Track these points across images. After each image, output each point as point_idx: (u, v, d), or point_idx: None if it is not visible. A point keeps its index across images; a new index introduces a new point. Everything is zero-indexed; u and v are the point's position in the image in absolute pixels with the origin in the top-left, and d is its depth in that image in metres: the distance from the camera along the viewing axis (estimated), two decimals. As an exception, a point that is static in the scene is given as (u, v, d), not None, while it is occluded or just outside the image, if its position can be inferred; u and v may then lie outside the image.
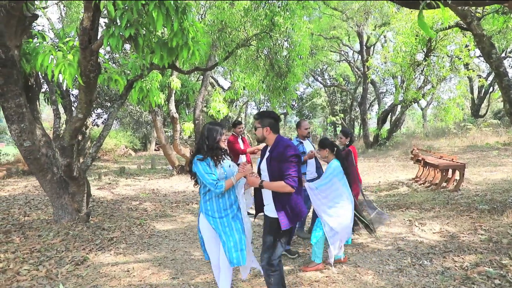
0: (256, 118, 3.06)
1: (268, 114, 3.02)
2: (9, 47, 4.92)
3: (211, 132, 2.98)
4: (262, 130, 2.97)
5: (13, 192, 10.37)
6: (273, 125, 2.97)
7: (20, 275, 4.14)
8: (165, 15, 3.80)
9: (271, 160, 2.87)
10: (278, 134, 3.01)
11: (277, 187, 2.81)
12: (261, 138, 3.01)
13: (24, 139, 5.42)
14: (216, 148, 2.98)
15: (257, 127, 3.00)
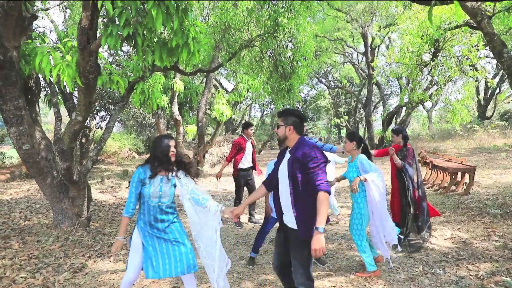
0: (280, 115, 2.82)
1: (293, 112, 2.79)
2: (7, 48, 4.79)
3: (158, 145, 2.93)
4: (284, 129, 2.72)
5: (15, 195, 10.27)
6: (297, 125, 2.73)
7: (16, 283, 4.00)
8: (165, 14, 3.66)
9: (294, 162, 2.62)
10: (301, 135, 2.78)
11: (324, 207, 2.48)
12: (283, 138, 2.76)
13: (23, 142, 5.29)
14: (165, 161, 2.92)
15: (280, 125, 2.77)
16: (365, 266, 3.93)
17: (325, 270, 4.12)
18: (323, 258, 4.40)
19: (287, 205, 2.69)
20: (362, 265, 4.20)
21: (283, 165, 2.75)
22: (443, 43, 9.92)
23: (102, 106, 19.52)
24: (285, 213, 2.74)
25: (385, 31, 17.94)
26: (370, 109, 21.01)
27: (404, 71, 10.69)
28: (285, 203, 2.72)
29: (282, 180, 2.73)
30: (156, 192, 2.90)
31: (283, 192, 2.73)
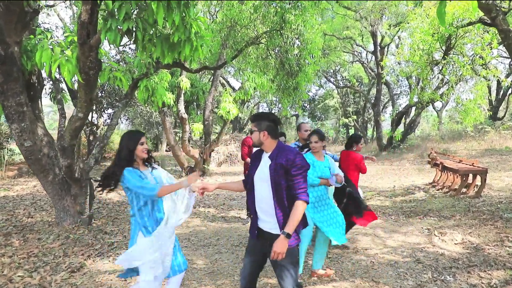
0: (252, 120, 2.67)
1: (266, 116, 2.65)
2: (8, 43, 4.72)
3: (126, 141, 2.78)
4: (259, 134, 2.59)
5: (21, 192, 10.29)
6: (271, 129, 2.59)
7: (13, 282, 3.92)
8: (166, 8, 3.53)
9: (277, 168, 2.49)
10: (277, 139, 2.64)
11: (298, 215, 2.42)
12: (258, 144, 2.62)
13: (24, 138, 5.23)
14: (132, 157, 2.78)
15: (253, 130, 2.63)
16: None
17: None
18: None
19: (267, 211, 2.55)
20: (368, 270, 4.05)
21: (260, 171, 2.60)
22: (455, 41, 9.65)
23: (109, 103, 19.56)
24: (264, 219, 2.59)
25: (395, 29, 17.64)
26: (379, 109, 20.69)
27: (414, 70, 10.44)
28: (265, 209, 2.57)
29: (260, 186, 2.57)
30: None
31: (262, 198, 2.57)
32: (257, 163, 2.64)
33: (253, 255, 2.66)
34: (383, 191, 9.08)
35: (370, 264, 4.24)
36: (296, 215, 2.40)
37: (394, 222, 6.15)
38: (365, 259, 4.41)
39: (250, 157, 2.82)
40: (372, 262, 4.31)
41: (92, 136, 19.97)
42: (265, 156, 2.62)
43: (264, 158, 2.62)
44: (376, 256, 4.50)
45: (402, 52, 10.66)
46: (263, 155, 2.65)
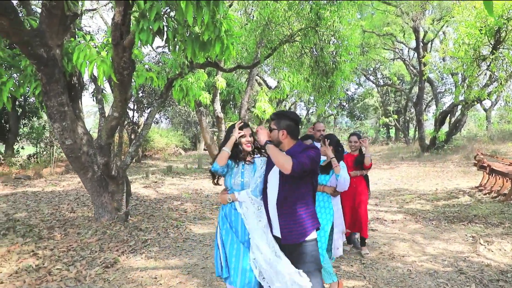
0: (272, 118, 2.60)
1: (286, 115, 2.56)
2: (51, 46, 4.94)
3: (230, 132, 2.72)
4: (277, 133, 2.51)
5: (67, 187, 10.83)
6: (291, 129, 2.51)
7: (51, 274, 4.09)
8: (196, 6, 3.52)
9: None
10: (297, 139, 2.55)
11: (280, 155, 2.34)
12: (276, 142, 2.54)
13: (65, 137, 5.45)
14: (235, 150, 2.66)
15: (272, 128, 2.55)
16: None
17: (362, 280, 3.79)
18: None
19: (273, 213, 2.47)
20: (404, 278, 3.83)
21: (274, 172, 2.51)
22: (505, 34, 8.95)
23: (149, 103, 20.20)
24: (273, 223, 2.51)
25: (439, 24, 16.76)
26: (422, 108, 19.78)
27: (459, 66, 9.82)
28: (272, 210, 2.49)
29: (272, 187, 2.49)
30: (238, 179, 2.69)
31: (271, 199, 2.49)
32: (272, 163, 2.54)
33: None
34: (424, 194, 8.65)
35: (407, 272, 4.00)
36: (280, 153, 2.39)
37: (435, 227, 5.81)
38: (401, 266, 4.18)
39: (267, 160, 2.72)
40: (410, 270, 4.07)
41: (133, 134, 20.72)
42: None
43: None
44: (414, 264, 4.25)
45: (446, 48, 10.07)
46: None
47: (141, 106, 20.88)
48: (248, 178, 2.63)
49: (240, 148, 2.65)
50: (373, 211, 7.01)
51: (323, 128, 4.80)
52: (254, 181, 2.63)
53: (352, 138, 4.72)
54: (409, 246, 4.92)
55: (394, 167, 14.41)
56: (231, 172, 2.68)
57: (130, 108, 20.70)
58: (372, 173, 13.07)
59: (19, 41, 4.47)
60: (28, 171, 14.73)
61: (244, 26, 7.84)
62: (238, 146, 2.64)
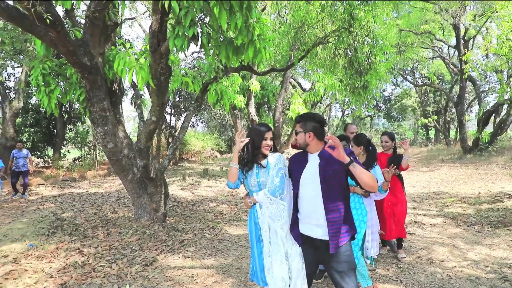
0: (298, 121, 2.59)
1: (312, 117, 2.56)
2: (93, 55, 5.23)
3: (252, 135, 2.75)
4: (304, 136, 2.51)
5: (109, 189, 11.33)
6: (318, 130, 2.51)
7: (95, 271, 4.32)
8: (229, 11, 3.61)
9: (327, 166, 2.42)
10: (323, 141, 2.54)
11: (369, 175, 2.32)
12: (303, 145, 2.55)
13: (107, 141, 5.72)
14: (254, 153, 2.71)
15: (298, 131, 2.55)
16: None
17: (399, 285, 3.71)
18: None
19: (315, 211, 2.45)
20: (443, 284, 3.70)
21: (308, 172, 2.50)
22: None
23: (186, 107, 20.73)
24: (313, 224, 2.48)
25: (481, 20, 15.97)
26: (463, 108, 18.89)
27: (503, 64, 9.31)
28: (312, 210, 2.46)
29: (308, 188, 2.48)
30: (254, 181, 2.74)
31: (310, 198, 2.47)
32: (302, 165, 2.55)
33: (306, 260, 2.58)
34: (465, 197, 8.27)
35: (446, 278, 3.86)
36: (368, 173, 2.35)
37: (477, 232, 5.55)
38: (440, 271, 4.04)
39: (289, 162, 2.73)
40: (449, 275, 3.92)
41: (171, 138, 21.33)
42: (311, 156, 2.54)
43: (311, 158, 2.54)
44: (453, 269, 4.09)
45: (488, 45, 9.57)
46: (308, 156, 2.57)
47: (178, 110, 21.48)
48: (264, 177, 2.66)
49: (259, 151, 2.69)
50: (411, 215, 6.80)
51: (356, 130, 4.76)
52: (270, 180, 2.63)
53: (383, 137, 4.70)
54: (448, 251, 4.73)
55: (434, 170, 13.87)
56: (247, 174, 2.74)
57: (168, 112, 21.34)
58: (411, 175, 12.67)
59: (65, 51, 4.76)
60: (74, 174, 15.55)
61: (277, 29, 7.88)
62: (258, 149, 2.68)
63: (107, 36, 5.49)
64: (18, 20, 4.31)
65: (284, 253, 2.52)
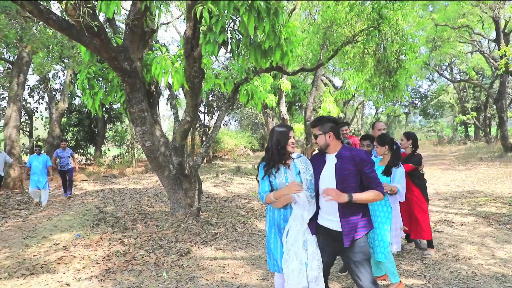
0: (315, 125, 2.72)
1: (327, 119, 2.71)
2: (133, 59, 5.63)
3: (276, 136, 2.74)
4: (324, 137, 2.65)
5: (146, 185, 11.91)
6: (335, 130, 2.66)
7: (135, 259, 4.70)
8: (257, 18, 3.84)
9: (343, 167, 2.58)
10: (340, 140, 2.71)
11: (371, 197, 2.53)
12: (324, 147, 2.69)
13: (146, 139, 6.13)
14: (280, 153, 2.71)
15: (317, 134, 2.68)
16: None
17: (422, 280, 3.80)
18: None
19: (332, 208, 2.62)
20: (467, 280, 3.75)
21: (326, 172, 2.66)
22: None
23: (219, 106, 21.22)
24: (327, 217, 2.66)
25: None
26: (504, 104, 18.06)
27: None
28: (329, 207, 2.63)
29: (326, 186, 2.63)
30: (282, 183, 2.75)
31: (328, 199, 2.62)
32: (321, 166, 2.70)
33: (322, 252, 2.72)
34: (501, 197, 8.04)
35: (471, 275, 3.90)
36: (368, 194, 2.54)
37: (509, 231, 5.47)
38: (466, 268, 4.08)
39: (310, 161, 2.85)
40: (474, 272, 3.95)
41: (204, 136, 21.91)
42: (329, 157, 2.70)
43: (329, 159, 2.69)
44: (480, 267, 4.11)
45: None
46: (326, 157, 2.72)
47: (212, 109, 22.00)
48: (292, 177, 2.74)
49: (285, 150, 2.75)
50: (441, 213, 6.75)
51: (383, 127, 4.84)
52: (308, 183, 2.71)
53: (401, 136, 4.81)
54: (477, 249, 4.73)
55: (471, 168, 13.45)
56: (276, 175, 2.76)
57: (201, 112, 21.92)
58: (446, 174, 12.39)
59: (108, 57, 5.18)
60: (114, 171, 16.39)
61: (308, 28, 8.02)
62: (284, 148, 2.73)
63: (145, 42, 5.88)
64: (67, 30, 4.75)
65: (303, 241, 2.68)
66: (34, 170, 8.70)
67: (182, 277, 4.11)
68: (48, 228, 6.27)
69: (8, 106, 12.01)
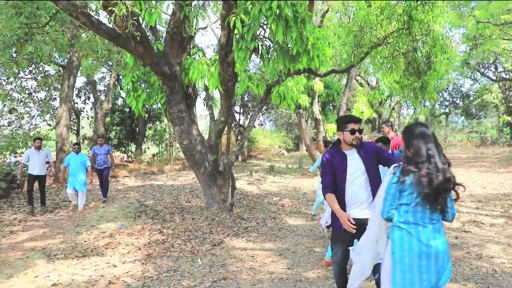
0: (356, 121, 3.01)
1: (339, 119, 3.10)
2: (172, 64, 6.11)
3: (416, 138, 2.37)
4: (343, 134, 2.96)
5: (183, 182, 12.52)
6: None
7: (173, 247, 5.16)
8: (285, 26, 4.15)
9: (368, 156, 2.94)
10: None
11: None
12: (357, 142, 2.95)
13: (183, 138, 6.59)
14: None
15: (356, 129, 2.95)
16: None
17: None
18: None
19: (363, 196, 2.88)
20: (486, 276, 3.86)
21: (352, 164, 2.91)
22: None
23: (254, 106, 21.69)
24: (360, 206, 2.89)
25: None
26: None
27: None
28: (361, 196, 2.88)
29: (355, 177, 2.89)
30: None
31: (357, 187, 2.88)
32: (344, 162, 2.94)
33: (343, 242, 2.97)
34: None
35: (491, 272, 4.00)
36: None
37: (540, 233, 5.43)
38: (487, 266, 4.17)
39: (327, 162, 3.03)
40: (494, 270, 4.03)
41: (239, 135, 22.45)
42: (350, 152, 2.96)
43: (351, 154, 2.95)
44: (501, 265, 4.18)
45: None
46: (346, 153, 2.97)
47: (247, 109, 22.51)
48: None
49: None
50: (472, 214, 6.73)
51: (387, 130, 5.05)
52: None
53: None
54: (502, 249, 4.76)
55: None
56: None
57: (237, 112, 22.48)
58: (484, 176, 12.05)
59: (150, 62, 5.68)
60: (153, 168, 17.24)
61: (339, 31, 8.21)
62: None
63: (183, 47, 6.34)
64: (115, 39, 5.29)
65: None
66: (72, 170, 8.02)
67: (215, 264, 4.50)
68: (95, 219, 6.89)
69: (59, 106, 13.05)
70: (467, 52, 18.47)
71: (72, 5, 4.86)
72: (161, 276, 4.12)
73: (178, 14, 5.67)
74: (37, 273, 4.29)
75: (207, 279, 4.02)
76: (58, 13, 7.66)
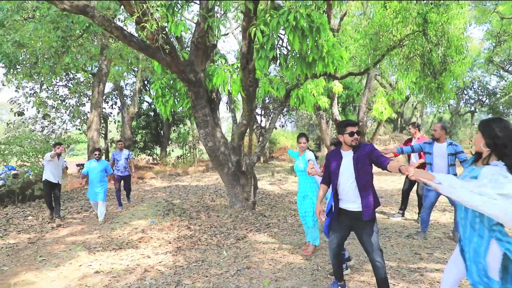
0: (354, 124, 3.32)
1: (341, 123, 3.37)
2: (197, 71, 6.56)
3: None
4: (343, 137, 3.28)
5: (208, 182, 13.00)
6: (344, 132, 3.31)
7: (200, 241, 5.58)
8: (301, 35, 4.50)
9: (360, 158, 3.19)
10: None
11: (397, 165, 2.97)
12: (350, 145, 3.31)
13: (208, 140, 7.03)
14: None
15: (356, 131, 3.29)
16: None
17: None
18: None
19: (353, 194, 3.24)
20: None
21: (346, 164, 3.27)
22: None
23: (275, 108, 22.05)
24: (350, 201, 3.27)
25: None
26: None
27: None
28: (351, 193, 3.25)
29: (347, 175, 3.25)
30: None
31: (348, 184, 3.25)
32: (339, 160, 3.34)
33: (339, 231, 3.39)
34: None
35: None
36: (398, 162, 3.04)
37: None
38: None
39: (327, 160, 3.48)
40: None
41: (261, 137, 22.85)
42: (346, 154, 3.32)
43: (346, 156, 3.31)
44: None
45: None
46: (343, 154, 3.34)
47: (268, 111, 22.88)
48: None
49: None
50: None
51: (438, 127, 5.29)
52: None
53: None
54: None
55: None
56: None
57: (258, 114, 22.88)
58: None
59: (176, 70, 6.14)
60: (178, 169, 17.85)
61: (354, 35, 8.46)
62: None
63: (207, 55, 6.78)
64: (145, 50, 5.77)
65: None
66: (92, 179, 7.24)
67: (239, 255, 4.89)
68: (127, 216, 7.41)
69: (90, 112, 13.81)
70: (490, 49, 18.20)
71: (107, 20, 5.37)
72: (190, 266, 4.54)
73: (202, 25, 6.11)
74: (80, 262, 4.80)
75: (232, 268, 4.42)
76: (91, 26, 8.28)
